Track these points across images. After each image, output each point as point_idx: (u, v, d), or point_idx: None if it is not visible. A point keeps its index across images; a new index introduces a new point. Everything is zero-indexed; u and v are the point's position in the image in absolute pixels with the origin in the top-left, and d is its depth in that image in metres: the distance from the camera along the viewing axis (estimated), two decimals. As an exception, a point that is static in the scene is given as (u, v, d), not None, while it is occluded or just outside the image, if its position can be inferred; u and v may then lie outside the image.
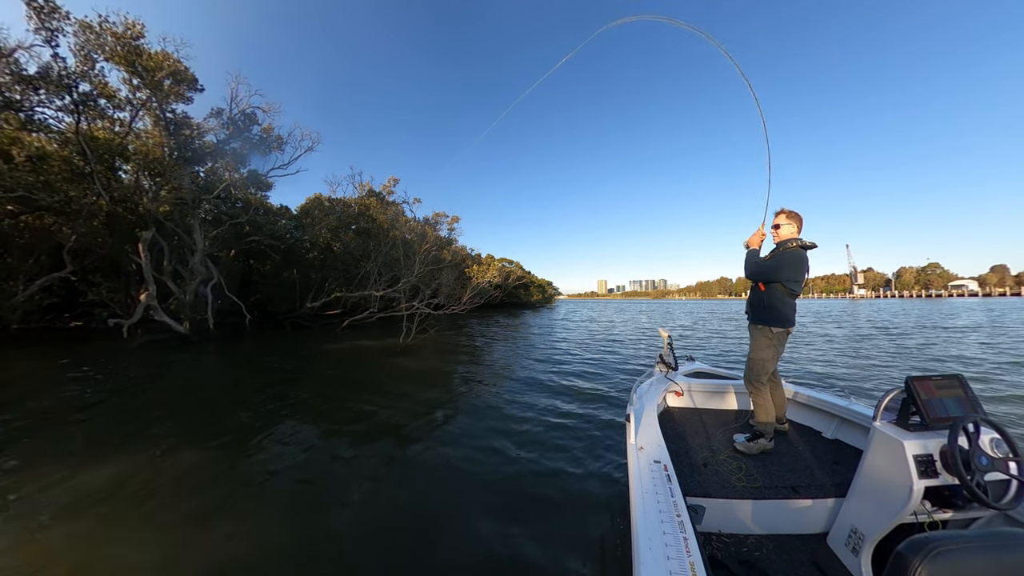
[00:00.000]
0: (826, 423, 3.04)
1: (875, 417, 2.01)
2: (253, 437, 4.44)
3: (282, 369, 8.44)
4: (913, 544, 0.91)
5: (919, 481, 1.70)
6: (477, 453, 3.94)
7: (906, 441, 1.77)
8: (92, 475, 3.49)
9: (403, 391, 6.44)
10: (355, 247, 20.01)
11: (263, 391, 6.53)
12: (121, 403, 5.83)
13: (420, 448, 4.13)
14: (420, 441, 4.31)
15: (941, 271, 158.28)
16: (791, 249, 2.70)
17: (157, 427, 4.79)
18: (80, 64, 10.80)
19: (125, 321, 12.13)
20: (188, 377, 7.94)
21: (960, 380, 1.97)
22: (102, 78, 11.40)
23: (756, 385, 2.77)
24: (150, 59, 11.64)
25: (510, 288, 35.75)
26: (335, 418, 5.13)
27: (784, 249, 2.74)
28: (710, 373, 4.04)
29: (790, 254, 2.68)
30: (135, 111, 12.89)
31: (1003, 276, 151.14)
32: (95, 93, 11.47)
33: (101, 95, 11.68)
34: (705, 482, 2.31)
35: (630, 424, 2.35)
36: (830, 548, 2.05)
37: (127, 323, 12.11)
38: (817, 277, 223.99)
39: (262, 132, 17.05)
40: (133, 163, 13.33)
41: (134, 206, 13.68)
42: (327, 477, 3.53)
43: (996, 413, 4.95)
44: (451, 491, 3.27)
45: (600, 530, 2.74)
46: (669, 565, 1.23)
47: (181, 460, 3.85)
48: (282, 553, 2.48)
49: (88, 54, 10.82)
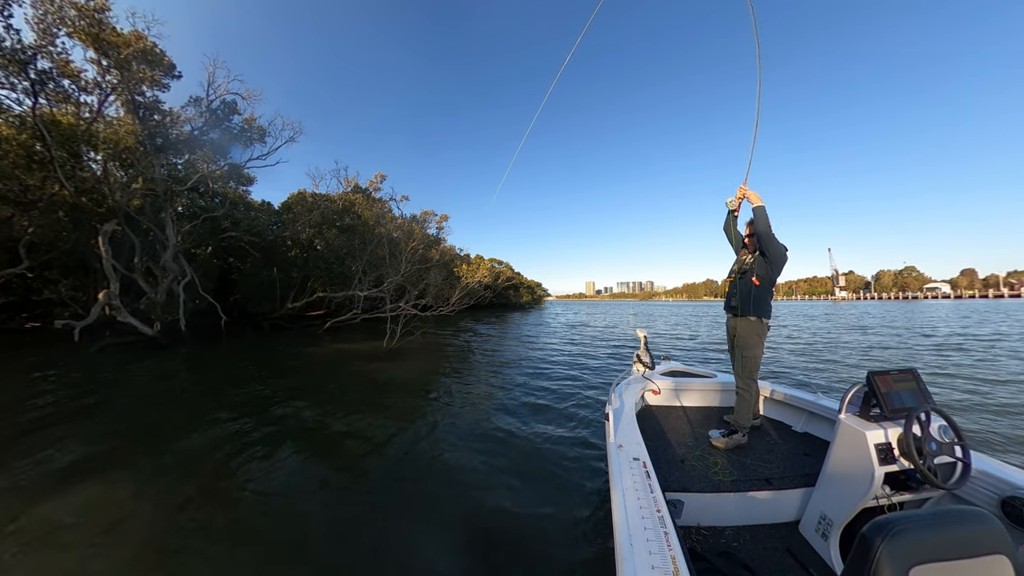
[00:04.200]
0: (796, 417, 3.18)
1: (840, 410, 2.11)
2: (204, 465, 3.89)
3: (254, 377, 7.82)
4: (875, 526, 0.95)
5: (879, 468, 1.84)
6: (462, 471, 3.60)
7: (868, 432, 1.90)
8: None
9: (386, 404, 5.93)
10: (339, 245, 19.27)
11: (221, 403, 5.95)
12: (29, 422, 4.96)
13: (401, 482, 3.63)
14: (404, 475, 3.78)
15: (917, 274, 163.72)
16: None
17: (66, 453, 4.02)
18: (39, 38, 9.89)
19: (76, 323, 11.22)
20: (140, 387, 7.13)
21: (914, 374, 2.12)
22: (64, 55, 10.50)
23: (749, 381, 2.83)
24: (116, 35, 10.77)
25: (500, 289, 35.28)
26: (308, 441, 4.57)
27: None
28: (685, 371, 4.12)
29: (783, 257, 2.79)
30: (104, 95, 11.95)
31: (972, 279, 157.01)
32: (55, 71, 10.57)
33: (63, 74, 10.76)
34: (683, 477, 2.37)
35: (609, 423, 2.46)
36: (802, 535, 2.17)
37: (79, 325, 11.19)
38: (800, 279, 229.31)
39: (243, 123, 16.23)
40: (103, 151, 12.39)
41: (101, 198, 12.74)
42: (299, 523, 3.03)
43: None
44: (434, 512, 2.93)
45: (582, 527, 2.78)
46: (651, 559, 1.24)
47: (93, 500, 3.27)
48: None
49: (47, 27, 9.91)
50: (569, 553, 2.51)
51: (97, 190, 12.43)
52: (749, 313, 2.84)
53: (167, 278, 13.75)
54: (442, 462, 3.86)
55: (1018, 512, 1.68)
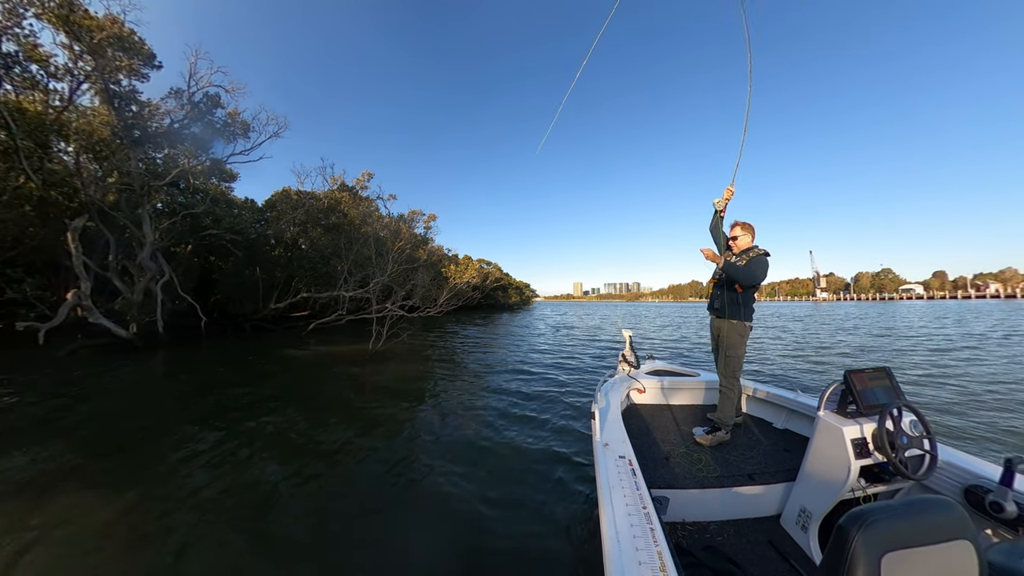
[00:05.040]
0: (777, 415, 3.25)
1: (819, 407, 2.19)
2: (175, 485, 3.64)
3: (234, 382, 7.52)
4: (851, 517, 0.98)
5: (855, 461, 1.92)
6: (449, 477, 3.45)
7: (844, 427, 1.99)
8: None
9: (370, 411, 5.71)
10: (324, 244, 18.83)
11: (196, 411, 5.67)
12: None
13: (381, 502, 3.45)
14: (388, 500, 3.60)
15: (893, 276, 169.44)
16: (760, 255, 2.86)
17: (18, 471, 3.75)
18: (3, 19, 9.34)
19: (42, 325, 10.66)
20: (109, 394, 6.72)
21: (887, 372, 2.20)
22: (32, 38, 9.95)
23: (732, 380, 2.90)
24: (88, 18, 10.26)
25: (488, 290, 35.07)
26: (286, 453, 4.36)
27: (756, 255, 2.87)
28: (670, 370, 4.17)
29: (762, 260, 2.84)
30: (76, 82, 11.35)
31: (943, 281, 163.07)
32: (21, 55, 10.01)
33: (30, 58, 10.19)
34: (668, 474, 2.40)
35: (595, 422, 2.46)
36: (783, 528, 2.23)
37: (44, 327, 10.64)
38: (783, 281, 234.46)
39: (227, 117, 15.71)
40: (74, 143, 11.78)
41: (73, 192, 12.11)
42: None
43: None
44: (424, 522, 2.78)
45: (570, 525, 2.80)
46: (638, 556, 1.25)
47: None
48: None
49: (13, 7, 9.36)
50: (558, 551, 2.55)
51: (68, 183, 11.83)
52: (732, 316, 2.92)
53: (144, 277, 13.23)
54: (428, 469, 3.74)
55: (979, 499, 1.75)
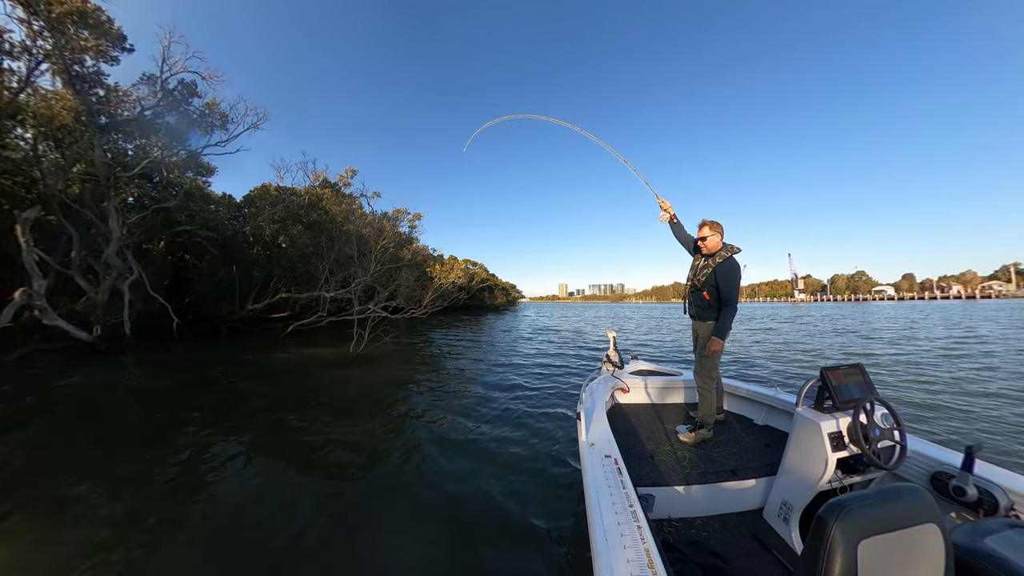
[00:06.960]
0: (757, 411, 3.34)
1: (797, 403, 2.28)
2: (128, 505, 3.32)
3: (207, 388, 7.12)
4: (829, 507, 1.03)
5: (832, 454, 2.00)
6: (435, 483, 3.28)
7: (821, 422, 2.06)
8: None
9: (351, 417, 5.43)
10: (305, 242, 18.23)
11: (162, 421, 5.29)
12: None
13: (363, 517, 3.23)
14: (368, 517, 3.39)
15: (866, 278, 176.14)
16: (728, 259, 2.83)
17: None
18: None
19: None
20: (62, 405, 6.18)
21: (860, 368, 2.28)
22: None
23: (707, 380, 2.92)
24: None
25: (474, 290, 34.77)
26: (262, 463, 4.06)
27: (722, 260, 2.83)
28: (653, 370, 4.24)
29: (735, 271, 2.82)
30: (35, 62, 10.57)
31: (912, 283, 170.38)
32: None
33: (-22, 33, 9.44)
34: (653, 472, 2.44)
35: (581, 422, 2.51)
36: (766, 520, 2.30)
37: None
38: (762, 283, 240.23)
39: (204, 107, 15.00)
40: (32, 128, 10.95)
41: (31, 182, 11.29)
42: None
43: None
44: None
45: (558, 525, 2.82)
46: (626, 553, 1.25)
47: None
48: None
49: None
50: (546, 552, 2.57)
51: (24, 172, 11.02)
52: (708, 319, 2.96)
53: (110, 276, 12.49)
54: (414, 474, 3.70)
55: (944, 485, 1.85)
